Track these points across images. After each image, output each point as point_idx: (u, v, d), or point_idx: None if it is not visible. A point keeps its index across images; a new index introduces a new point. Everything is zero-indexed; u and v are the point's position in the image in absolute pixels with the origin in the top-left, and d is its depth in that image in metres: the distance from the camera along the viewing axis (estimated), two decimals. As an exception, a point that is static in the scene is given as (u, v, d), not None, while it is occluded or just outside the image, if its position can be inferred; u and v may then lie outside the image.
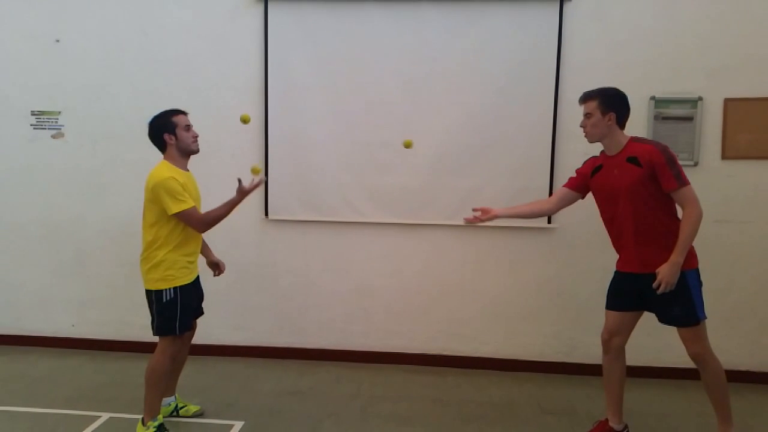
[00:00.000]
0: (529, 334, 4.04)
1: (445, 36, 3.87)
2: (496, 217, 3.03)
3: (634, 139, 2.81)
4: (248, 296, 4.18)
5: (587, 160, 3.02)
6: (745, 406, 3.44)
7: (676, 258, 2.64)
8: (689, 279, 2.70)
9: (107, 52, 4.12)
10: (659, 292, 2.66)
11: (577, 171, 3.05)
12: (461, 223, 3.95)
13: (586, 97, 2.86)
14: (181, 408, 3.28)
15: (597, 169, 2.91)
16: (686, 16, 3.75)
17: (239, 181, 2.92)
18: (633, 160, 2.72)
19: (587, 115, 2.84)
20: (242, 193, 2.93)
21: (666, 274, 2.64)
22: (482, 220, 3.04)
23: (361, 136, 3.98)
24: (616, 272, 2.96)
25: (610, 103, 2.79)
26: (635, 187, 2.72)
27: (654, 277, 2.69)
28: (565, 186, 3.09)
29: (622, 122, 2.82)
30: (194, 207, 2.90)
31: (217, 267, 3.36)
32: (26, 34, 4.16)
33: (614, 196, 2.81)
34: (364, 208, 4.03)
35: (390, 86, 3.93)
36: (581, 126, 2.89)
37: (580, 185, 3.02)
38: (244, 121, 3.13)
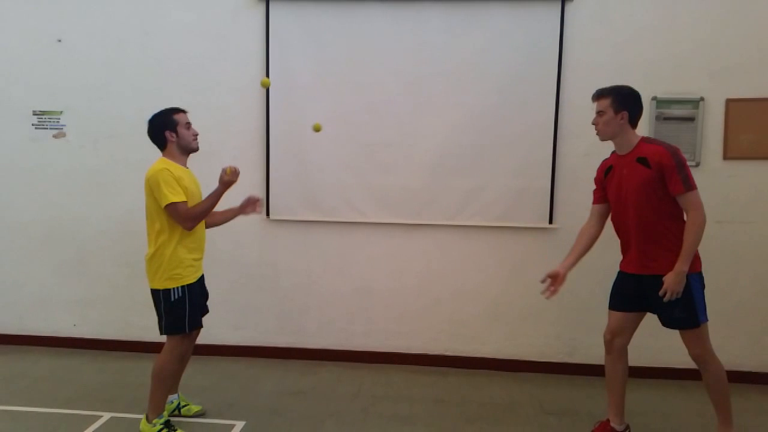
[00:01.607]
0: (531, 335, 4.04)
1: (447, 37, 3.88)
2: (565, 275, 2.95)
3: (645, 140, 2.80)
4: (249, 296, 4.18)
5: (599, 166, 3.01)
6: (747, 407, 3.44)
7: (681, 267, 2.63)
8: (692, 282, 2.69)
9: (109, 52, 4.13)
10: (665, 300, 2.66)
11: (595, 181, 3.03)
12: (462, 223, 3.99)
13: (599, 95, 2.84)
14: (183, 407, 3.28)
15: (608, 171, 2.91)
16: (688, 16, 3.75)
17: (226, 168, 2.91)
18: (642, 161, 2.71)
19: (599, 113, 2.82)
20: (224, 183, 2.92)
21: (671, 283, 2.64)
22: (557, 289, 2.95)
23: (363, 136, 3.98)
24: (619, 272, 2.96)
25: (624, 102, 2.77)
26: (642, 187, 2.71)
27: (657, 279, 2.69)
28: (594, 203, 3.03)
29: (634, 121, 2.80)
30: (184, 202, 2.87)
31: (249, 204, 3.22)
32: (28, 34, 4.16)
33: (622, 195, 2.81)
34: (366, 209, 4.03)
35: (391, 86, 3.93)
36: (593, 123, 2.87)
37: (603, 195, 2.98)
38: (265, 85, 3.22)
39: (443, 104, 3.91)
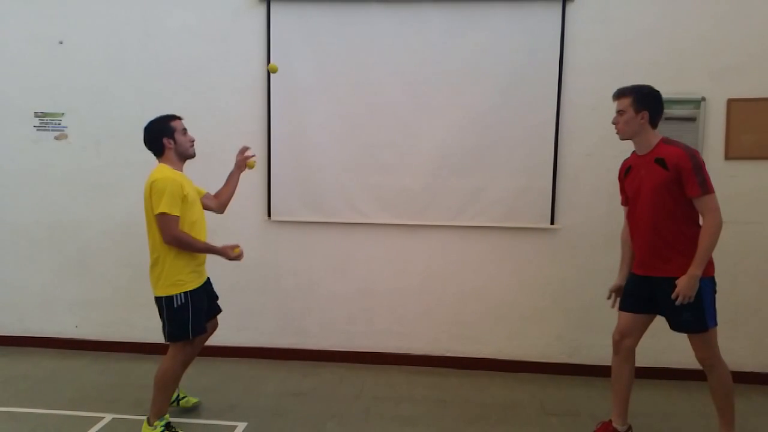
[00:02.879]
0: (532, 335, 4.03)
1: (448, 37, 3.88)
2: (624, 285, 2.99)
3: (665, 141, 2.77)
4: (251, 297, 4.19)
5: (620, 166, 3.00)
6: (749, 408, 3.43)
7: (695, 271, 2.61)
8: (702, 286, 2.66)
9: (110, 54, 4.13)
10: (677, 303, 2.64)
11: (619, 180, 3.01)
12: (464, 223, 3.99)
13: (620, 94, 2.82)
14: (182, 399, 3.33)
15: (628, 170, 2.91)
16: (689, 16, 3.75)
17: (236, 246, 3.05)
18: (660, 162, 2.70)
19: (620, 112, 2.81)
20: (224, 253, 3.00)
21: (684, 286, 2.62)
22: None
23: (364, 137, 3.98)
24: (631, 273, 2.94)
25: (644, 101, 2.76)
26: (659, 189, 2.70)
27: (668, 282, 2.68)
28: (623, 204, 3.02)
29: (654, 122, 2.78)
30: (177, 217, 2.87)
31: (242, 159, 3.31)
32: (29, 36, 4.17)
33: (638, 195, 2.80)
34: (367, 209, 4.03)
35: (392, 87, 3.93)
36: (613, 123, 2.85)
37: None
38: (273, 70, 3.32)
39: (444, 105, 3.91)
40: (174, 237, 2.86)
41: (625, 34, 3.79)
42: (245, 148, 3.36)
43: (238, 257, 3.06)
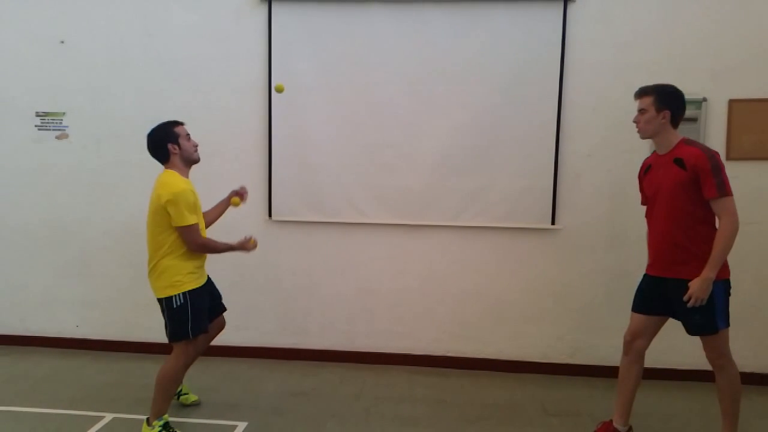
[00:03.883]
0: (533, 336, 4.03)
1: (449, 37, 3.88)
2: None
3: (685, 141, 2.76)
4: (252, 297, 4.19)
5: (641, 165, 3.00)
6: (750, 408, 3.42)
7: (708, 273, 2.59)
8: (715, 288, 2.64)
9: (111, 54, 4.13)
10: (689, 305, 2.63)
11: (638, 179, 3.01)
12: (464, 223, 3.99)
13: (642, 93, 2.82)
14: (183, 395, 3.36)
15: (647, 169, 2.90)
16: (690, 16, 3.75)
17: (250, 238, 3.18)
18: (679, 162, 2.69)
19: (641, 111, 2.80)
20: (242, 247, 3.13)
21: (697, 289, 2.60)
22: None
23: (365, 137, 3.98)
24: (645, 275, 2.92)
25: (666, 101, 2.75)
26: (676, 188, 2.68)
27: (681, 284, 2.67)
28: (643, 204, 3.01)
29: (676, 121, 2.77)
30: (197, 224, 2.95)
31: (236, 195, 3.34)
32: (31, 36, 4.17)
33: (655, 195, 2.79)
34: (368, 209, 4.03)
35: (394, 87, 3.93)
36: (634, 121, 2.85)
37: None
38: (279, 90, 3.30)
39: (445, 105, 3.91)
40: (199, 245, 2.98)
41: (626, 35, 3.79)
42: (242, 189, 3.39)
43: (255, 246, 3.20)
